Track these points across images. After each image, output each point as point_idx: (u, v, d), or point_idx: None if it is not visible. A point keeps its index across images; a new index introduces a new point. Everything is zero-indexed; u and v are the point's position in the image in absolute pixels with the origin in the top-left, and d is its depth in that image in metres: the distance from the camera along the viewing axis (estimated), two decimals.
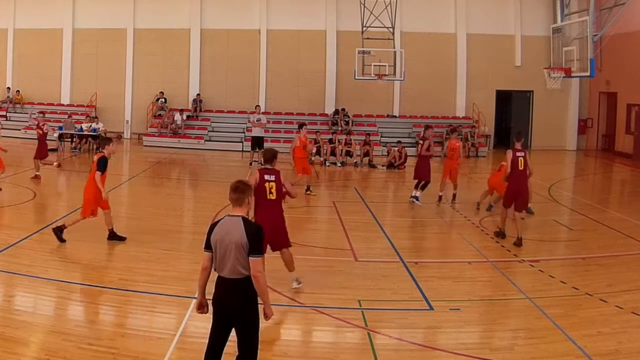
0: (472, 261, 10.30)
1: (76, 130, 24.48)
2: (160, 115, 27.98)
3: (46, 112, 21.86)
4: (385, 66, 24.51)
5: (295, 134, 17.03)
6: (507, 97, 29.84)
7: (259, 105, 24.67)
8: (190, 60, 28.72)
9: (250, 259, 5.08)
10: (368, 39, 24.68)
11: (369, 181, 20.60)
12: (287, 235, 8.52)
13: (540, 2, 28.27)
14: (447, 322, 7.64)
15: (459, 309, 7.99)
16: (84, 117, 26.30)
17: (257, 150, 21.12)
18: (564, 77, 20.42)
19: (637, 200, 17.81)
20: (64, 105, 28.66)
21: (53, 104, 28.60)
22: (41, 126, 17.04)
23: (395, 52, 24.89)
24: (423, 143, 15.08)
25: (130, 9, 28.59)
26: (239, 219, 5.20)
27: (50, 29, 28.70)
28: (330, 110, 28.14)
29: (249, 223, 5.21)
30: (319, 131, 24.40)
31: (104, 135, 21.10)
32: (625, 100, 26.36)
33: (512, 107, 30.31)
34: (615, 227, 13.00)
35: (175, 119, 27.09)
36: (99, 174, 10.19)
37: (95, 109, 28.24)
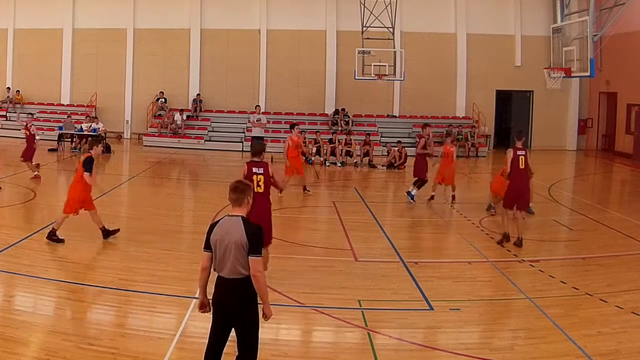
0: (472, 261, 10.30)
1: (76, 130, 24.50)
2: (160, 115, 27.97)
3: (45, 112, 21.74)
4: (385, 66, 24.49)
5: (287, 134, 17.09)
6: (507, 97, 29.82)
7: (259, 105, 24.71)
8: (190, 60, 28.71)
9: (250, 258, 5.09)
10: (368, 39, 24.67)
11: (369, 181, 20.59)
12: (271, 231, 8.53)
13: (540, 2, 28.25)
14: (447, 322, 7.63)
15: (459, 309, 7.99)
16: (84, 117, 26.34)
17: None
18: (564, 77, 20.42)
19: (637, 200, 17.80)
20: (64, 105, 28.64)
21: (53, 104, 28.62)
22: (29, 127, 16.99)
23: (395, 52, 24.87)
24: (419, 141, 15.18)
25: (130, 9, 28.58)
26: (238, 218, 5.21)
27: (50, 29, 28.69)
28: (330, 110, 28.13)
29: (248, 223, 5.22)
30: (319, 131, 24.44)
31: (96, 137, 20.98)
32: (625, 100, 26.35)
33: (512, 107, 30.29)
34: (615, 227, 12.99)
35: (175, 119, 27.08)
36: (87, 174, 10.19)
37: (95, 109, 28.24)
